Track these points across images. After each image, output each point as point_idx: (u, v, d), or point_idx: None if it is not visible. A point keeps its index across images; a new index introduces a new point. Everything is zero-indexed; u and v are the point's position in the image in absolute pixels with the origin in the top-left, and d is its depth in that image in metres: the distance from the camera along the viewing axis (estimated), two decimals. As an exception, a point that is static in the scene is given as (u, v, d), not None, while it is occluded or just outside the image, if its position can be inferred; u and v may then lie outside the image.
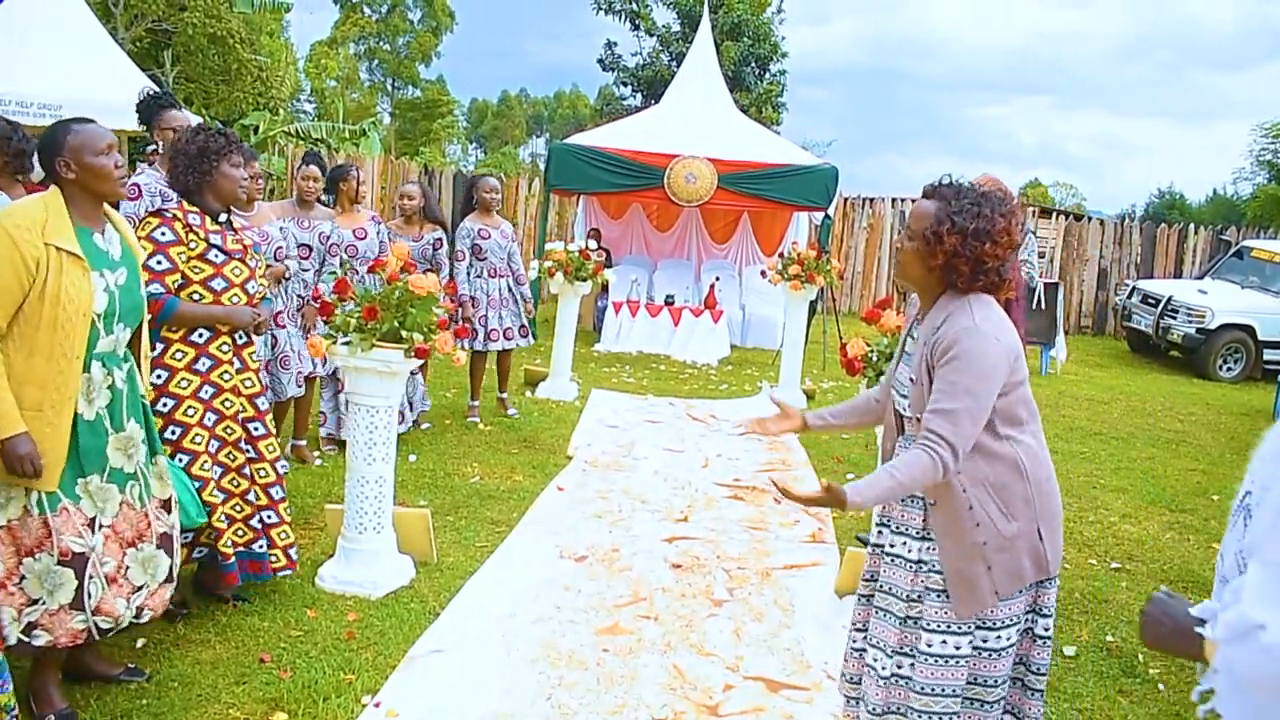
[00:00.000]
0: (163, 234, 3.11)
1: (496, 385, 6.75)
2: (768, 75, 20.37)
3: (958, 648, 2.19)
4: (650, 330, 10.38)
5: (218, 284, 3.21)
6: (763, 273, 9.56)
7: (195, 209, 3.21)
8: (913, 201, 14.30)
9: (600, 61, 21.34)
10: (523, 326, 6.55)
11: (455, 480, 5.17)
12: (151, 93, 4.27)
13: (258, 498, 3.41)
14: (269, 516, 3.44)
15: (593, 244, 8.25)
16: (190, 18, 16.73)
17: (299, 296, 5.03)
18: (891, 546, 2.33)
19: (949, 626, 2.19)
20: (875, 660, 2.30)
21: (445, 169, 16.42)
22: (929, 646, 2.20)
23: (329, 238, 5.13)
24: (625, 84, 21.35)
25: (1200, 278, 12.86)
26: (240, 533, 3.34)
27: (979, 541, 2.14)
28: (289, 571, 3.51)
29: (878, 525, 2.42)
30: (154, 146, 4.25)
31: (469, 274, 6.29)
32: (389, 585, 3.69)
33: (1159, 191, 37.82)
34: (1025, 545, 2.18)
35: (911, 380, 2.26)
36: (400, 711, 2.84)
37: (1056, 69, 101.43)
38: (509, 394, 6.82)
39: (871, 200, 13.71)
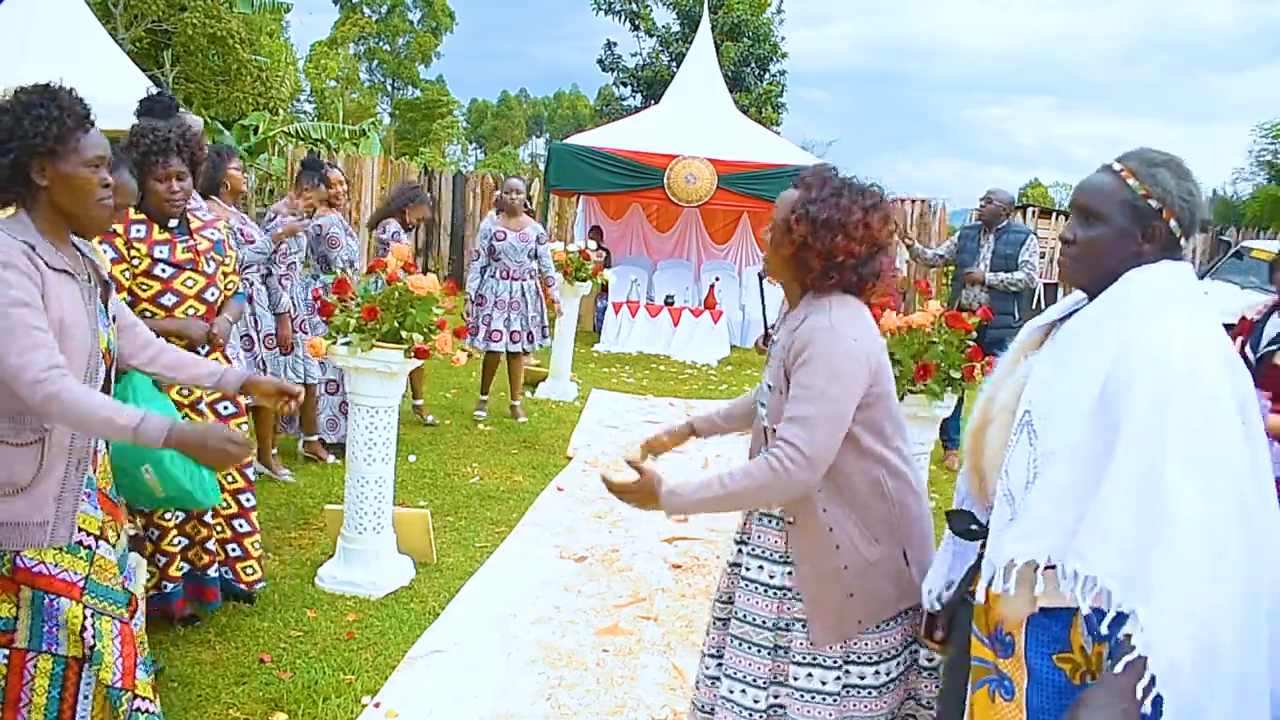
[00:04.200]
0: (104, 251, 2.84)
1: (509, 391, 6.71)
2: (768, 76, 20.38)
3: (824, 683, 2.00)
4: (650, 331, 10.38)
5: (167, 300, 3.04)
6: (761, 274, 9.56)
7: (142, 217, 3.02)
8: (912, 203, 14.09)
9: (600, 62, 21.35)
10: (529, 333, 6.48)
11: (455, 480, 5.17)
12: (158, 93, 4.20)
13: (227, 505, 3.27)
14: (240, 525, 3.32)
15: (593, 244, 8.25)
16: (190, 18, 16.73)
17: (303, 302, 5.02)
18: (748, 570, 2.11)
19: (814, 659, 2.01)
20: (733, 693, 2.08)
21: (445, 169, 16.42)
22: (795, 680, 2.02)
23: (326, 232, 5.15)
24: (625, 84, 21.36)
25: (1200, 278, 12.85)
26: (198, 555, 3.17)
27: (840, 566, 1.97)
28: (262, 584, 3.42)
29: (735, 543, 2.21)
30: None
31: (483, 273, 6.28)
32: (389, 585, 3.69)
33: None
34: (890, 570, 2.00)
35: (769, 386, 2.07)
36: (400, 712, 2.84)
37: (1057, 70, 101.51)
38: (520, 402, 6.76)
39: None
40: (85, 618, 1.96)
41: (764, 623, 2.07)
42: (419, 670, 3.11)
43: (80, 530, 2.00)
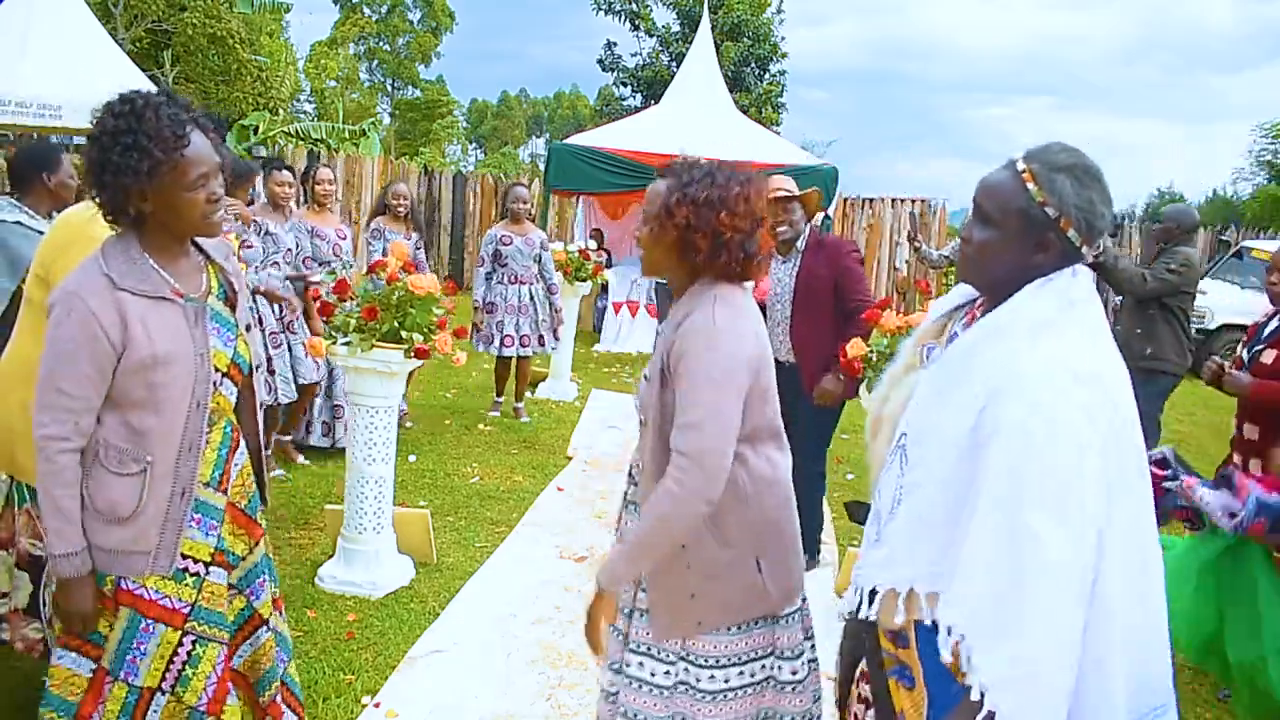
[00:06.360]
0: None
1: (514, 393, 6.74)
2: (767, 76, 20.39)
3: (653, 674, 1.99)
4: (650, 331, 10.37)
5: None
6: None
7: None
8: (913, 202, 14.07)
9: (600, 62, 21.36)
10: (540, 336, 6.52)
11: (455, 480, 5.17)
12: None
13: None
14: None
15: (593, 244, 8.26)
16: (190, 18, 16.75)
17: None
18: None
19: (649, 650, 2.00)
20: (604, 681, 2.11)
21: (445, 169, 16.42)
22: (629, 667, 2.02)
23: (312, 233, 5.14)
24: (625, 84, 21.37)
25: (1200, 278, 12.83)
26: None
27: (684, 565, 1.93)
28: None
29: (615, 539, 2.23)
30: None
31: (489, 279, 6.31)
32: (389, 585, 3.69)
33: (1158, 192, 37.95)
34: (738, 576, 1.94)
35: (646, 377, 2.01)
36: (400, 712, 2.84)
37: (1057, 70, 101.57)
38: (523, 404, 6.79)
39: (871, 201, 13.73)
40: (182, 644, 1.93)
41: (621, 608, 2.06)
42: (419, 670, 3.11)
43: (186, 557, 1.95)
